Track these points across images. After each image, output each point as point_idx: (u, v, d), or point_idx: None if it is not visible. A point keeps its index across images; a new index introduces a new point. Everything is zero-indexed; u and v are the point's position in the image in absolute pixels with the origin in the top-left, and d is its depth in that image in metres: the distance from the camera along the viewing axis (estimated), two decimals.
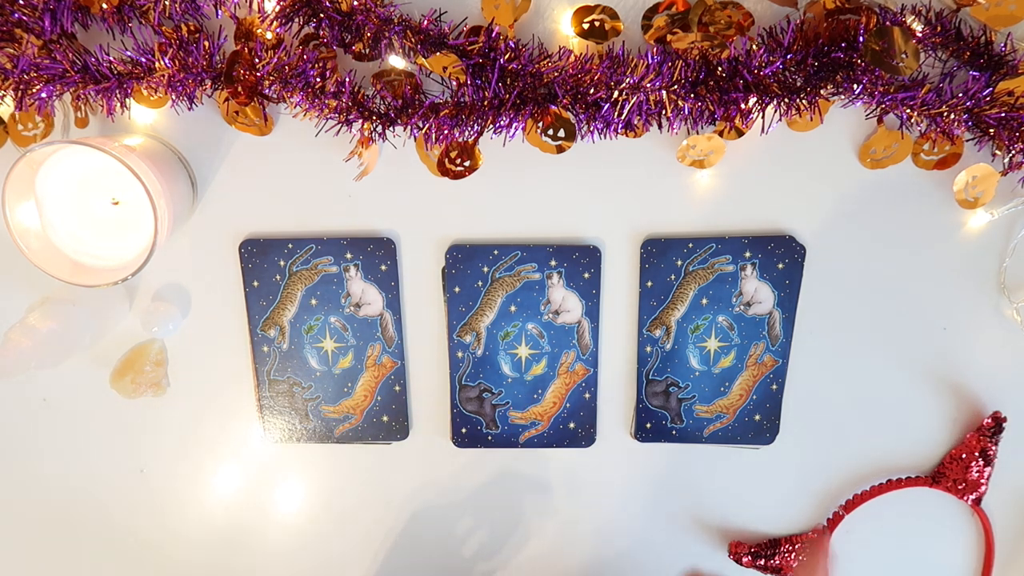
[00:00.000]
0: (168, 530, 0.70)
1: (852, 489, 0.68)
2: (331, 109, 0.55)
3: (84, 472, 0.69)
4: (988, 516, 0.67)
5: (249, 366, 0.66)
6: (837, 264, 0.63)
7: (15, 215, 0.56)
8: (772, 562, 0.68)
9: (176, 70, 0.55)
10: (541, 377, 0.65)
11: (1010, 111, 0.54)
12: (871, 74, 0.54)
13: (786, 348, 0.64)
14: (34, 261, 0.56)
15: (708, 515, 0.69)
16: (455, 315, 0.64)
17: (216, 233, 0.63)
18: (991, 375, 0.65)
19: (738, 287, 0.63)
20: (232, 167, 0.62)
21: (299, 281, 0.63)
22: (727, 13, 0.55)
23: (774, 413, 0.66)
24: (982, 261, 0.63)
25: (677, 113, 0.55)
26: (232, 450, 0.68)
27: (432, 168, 0.60)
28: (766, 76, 0.54)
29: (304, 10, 0.54)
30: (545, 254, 0.63)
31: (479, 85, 0.55)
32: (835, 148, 0.61)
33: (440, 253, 0.63)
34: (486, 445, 0.67)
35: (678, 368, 0.65)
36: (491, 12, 0.55)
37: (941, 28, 0.55)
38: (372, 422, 0.67)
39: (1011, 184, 0.60)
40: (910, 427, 0.67)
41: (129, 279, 0.57)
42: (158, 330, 0.63)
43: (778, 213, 0.62)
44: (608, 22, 0.56)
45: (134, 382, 0.63)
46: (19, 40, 0.55)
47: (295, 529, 0.70)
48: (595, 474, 0.68)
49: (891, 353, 0.65)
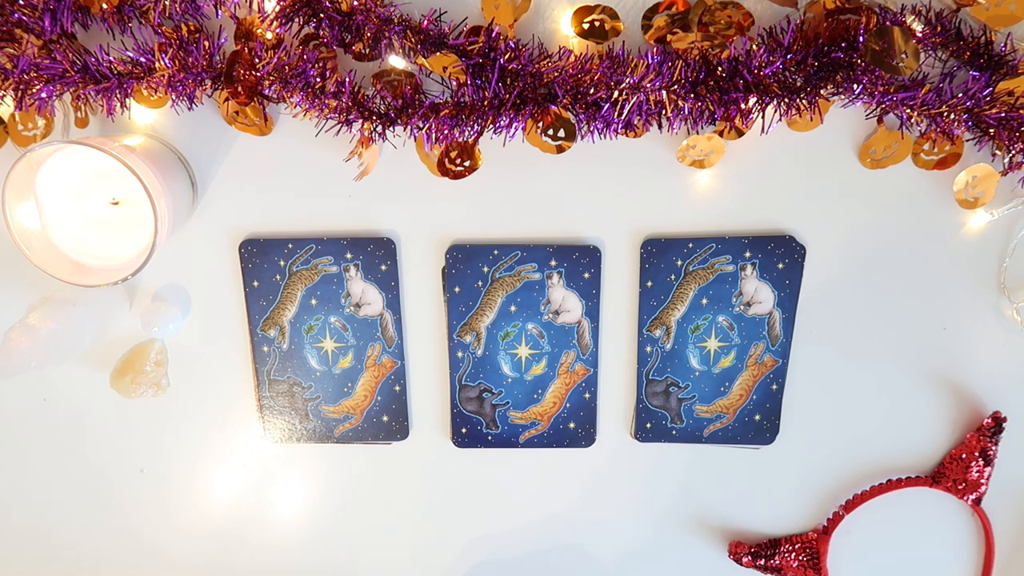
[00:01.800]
0: (168, 530, 0.70)
1: (852, 489, 0.68)
2: (331, 109, 0.55)
3: (84, 472, 0.69)
4: (988, 516, 0.67)
5: (249, 366, 0.66)
6: (837, 264, 0.63)
7: (15, 215, 0.56)
8: (772, 562, 0.68)
9: (176, 70, 0.55)
10: (541, 377, 0.65)
11: (1010, 111, 0.54)
12: (871, 74, 0.54)
13: (786, 348, 0.64)
14: (34, 261, 0.56)
15: (708, 515, 0.69)
16: (455, 315, 0.64)
17: (216, 233, 0.63)
18: (991, 375, 0.65)
19: (738, 287, 0.63)
20: (232, 167, 0.62)
21: (299, 281, 0.63)
22: (727, 13, 0.55)
23: (774, 413, 0.66)
24: (982, 261, 0.63)
25: (677, 113, 0.55)
26: (232, 450, 0.68)
27: (432, 168, 0.60)
28: (766, 76, 0.54)
29: (304, 10, 0.54)
30: (545, 254, 0.63)
31: (479, 85, 0.55)
32: (835, 148, 0.61)
33: (440, 253, 0.63)
34: (486, 445, 0.67)
35: (678, 368, 0.65)
36: (491, 12, 0.55)
37: (941, 28, 0.55)
38: (372, 422, 0.67)
39: (1011, 184, 0.60)
40: (910, 427, 0.67)
41: (129, 279, 0.56)
42: (158, 330, 0.63)
43: (778, 213, 0.62)
44: (608, 22, 0.56)
45: (134, 382, 0.63)
46: (19, 40, 0.55)
47: (295, 529, 0.70)
48: (595, 474, 0.68)
49: (891, 353, 0.65)
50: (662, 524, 0.70)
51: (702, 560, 0.70)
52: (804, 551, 0.68)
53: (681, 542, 0.70)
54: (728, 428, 0.66)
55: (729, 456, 0.68)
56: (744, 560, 0.68)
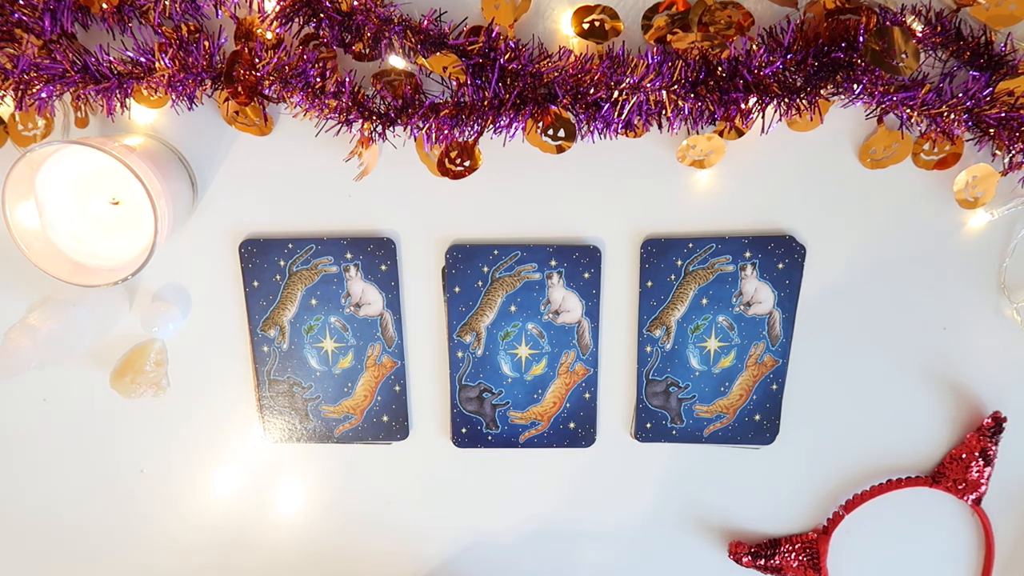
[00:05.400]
0: (168, 530, 0.70)
1: (852, 489, 0.68)
2: (331, 109, 0.55)
3: (84, 472, 0.69)
4: (988, 516, 0.67)
5: (249, 366, 0.66)
6: (837, 264, 0.63)
7: (15, 215, 0.56)
8: (772, 562, 0.68)
9: (176, 70, 0.55)
10: (541, 377, 0.65)
11: (1010, 111, 0.54)
12: (871, 74, 0.54)
13: (786, 348, 0.64)
14: (34, 261, 0.56)
15: (708, 515, 0.69)
16: (455, 315, 0.64)
17: (216, 233, 0.63)
18: (991, 375, 0.65)
19: (738, 287, 0.63)
20: (232, 167, 0.62)
21: (299, 281, 0.63)
22: (727, 13, 0.55)
23: (774, 413, 0.66)
24: (982, 261, 0.63)
25: (677, 113, 0.55)
26: (232, 450, 0.68)
27: (432, 168, 0.60)
28: (766, 76, 0.54)
29: (304, 10, 0.54)
30: (545, 254, 0.63)
31: (479, 85, 0.55)
32: (835, 148, 0.61)
33: (440, 253, 0.63)
34: (486, 445, 0.67)
35: (678, 368, 0.65)
36: (491, 12, 0.55)
37: (941, 28, 0.55)
38: (372, 422, 0.67)
39: (1011, 184, 0.60)
40: (910, 427, 0.67)
41: (129, 279, 0.57)
42: (158, 330, 0.63)
43: (778, 213, 0.62)
44: (608, 22, 0.56)
45: (134, 382, 0.63)
46: (19, 40, 0.55)
47: (295, 529, 0.70)
48: (595, 474, 0.68)
49: (891, 353, 0.65)
50: (662, 524, 0.70)
51: (702, 560, 0.70)
52: (804, 551, 0.68)
53: (681, 542, 0.70)
54: (728, 428, 0.66)
55: (729, 456, 0.68)
56: (744, 560, 0.68)
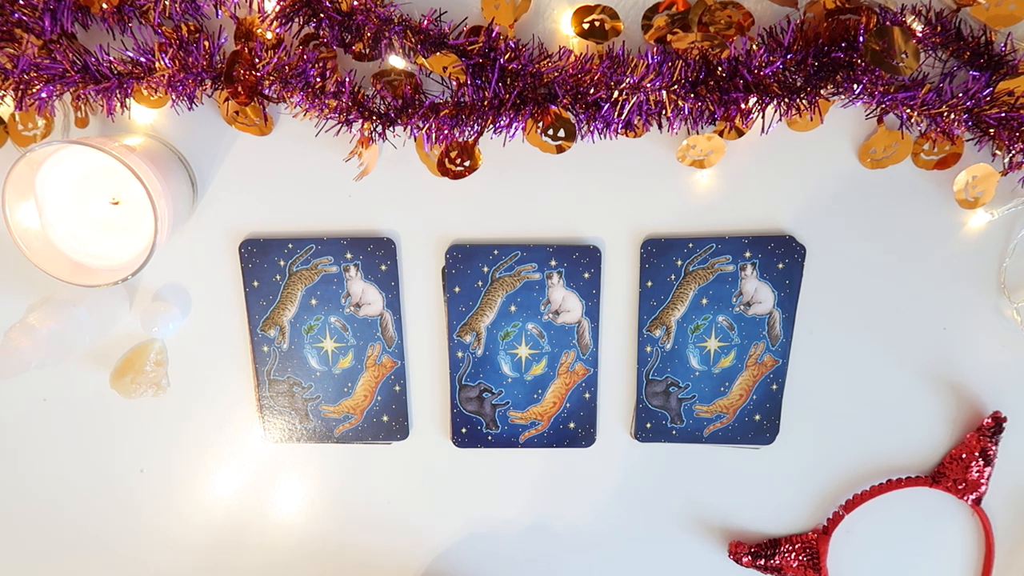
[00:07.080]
0: (168, 530, 0.70)
1: (852, 489, 0.68)
2: (331, 109, 0.55)
3: (84, 472, 0.69)
4: (988, 516, 0.67)
5: (249, 366, 0.66)
6: (837, 264, 0.63)
7: (15, 215, 0.56)
8: (772, 562, 0.68)
9: (176, 70, 0.55)
10: (541, 377, 0.65)
11: (1010, 111, 0.54)
12: (871, 74, 0.54)
13: (786, 348, 0.64)
14: (34, 261, 0.56)
15: (708, 515, 0.69)
16: (455, 315, 0.64)
17: (216, 233, 0.63)
18: (991, 375, 0.65)
19: (738, 287, 0.63)
20: (232, 167, 0.62)
21: (299, 281, 0.63)
22: (727, 13, 0.55)
23: (774, 413, 0.66)
24: (982, 261, 0.63)
25: (677, 113, 0.55)
26: (232, 450, 0.68)
27: (432, 168, 0.60)
28: (766, 76, 0.54)
29: (304, 10, 0.54)
30: (545, 254, 0.63)
31: (479, 85, 0.55)
32: (835, 148, 0.61)
33: (440, 253, 0.63)
34: (486, 445, 0.67)
35: (678, 368, 0.65)
36: (491, 12, 0.55)
37: (941, 28, 0.55)
38: (372, 422, 0.67)
39: (1011, 184, 0.60)
40: (910, 427, 0.67)
41: (129, 279, 0.57)
42: (158, 330, 0.63)
43: (778, 213, 0.62)
44: (608, 22, 0.56)
45: (134, 382, 0.63)
46: (19, 40, 0.55)
47: (295, 529, 0.70)
48: (595, 474, 0.68)
49: (891, 353, 0.65)
50: (662, 524, 0.70)
51: (702, 560, 0.70)
52: (804, 551, 0.68)
53: (681, 542, 0.70)
54: (728, 428, 0.66)
55: (729, 456, 0.68)
56: (744, 560, 0.68)
